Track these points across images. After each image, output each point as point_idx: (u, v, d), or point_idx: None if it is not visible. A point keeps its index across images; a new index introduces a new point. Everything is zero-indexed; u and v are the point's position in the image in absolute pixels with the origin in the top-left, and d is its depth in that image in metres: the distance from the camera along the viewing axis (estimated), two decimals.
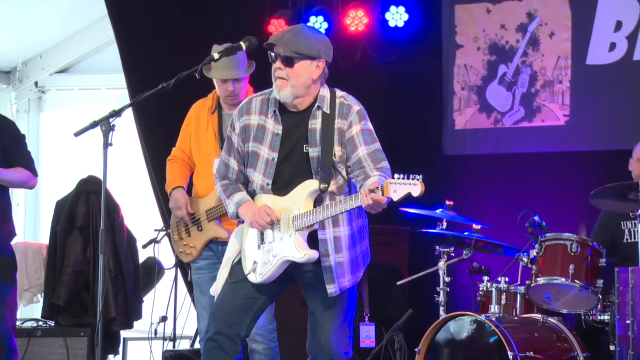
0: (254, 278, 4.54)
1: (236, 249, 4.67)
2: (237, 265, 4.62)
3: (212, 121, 5.57)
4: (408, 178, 4.15)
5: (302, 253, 4.42)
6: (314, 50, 4.42)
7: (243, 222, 4.66)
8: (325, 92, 4.52)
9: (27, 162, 5.82)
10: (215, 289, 4.69)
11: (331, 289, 4.46)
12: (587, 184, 6.23)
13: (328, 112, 4.48)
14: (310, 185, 4.44)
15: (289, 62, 4.40)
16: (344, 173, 4.49)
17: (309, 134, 4.48)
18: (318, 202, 4.46)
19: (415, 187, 4.14)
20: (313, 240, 4.48)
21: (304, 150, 4.48)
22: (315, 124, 4.48)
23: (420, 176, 4.16)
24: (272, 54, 4.45)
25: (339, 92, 4.56)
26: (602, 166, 7.28)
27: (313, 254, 4.42)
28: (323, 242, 4.47)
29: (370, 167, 4.44)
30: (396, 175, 4.17)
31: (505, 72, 7.94)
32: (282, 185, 4.51)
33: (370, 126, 4.52)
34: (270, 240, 4.52)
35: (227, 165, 4.65)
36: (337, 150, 4.46)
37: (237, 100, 5.48)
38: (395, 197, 4.15)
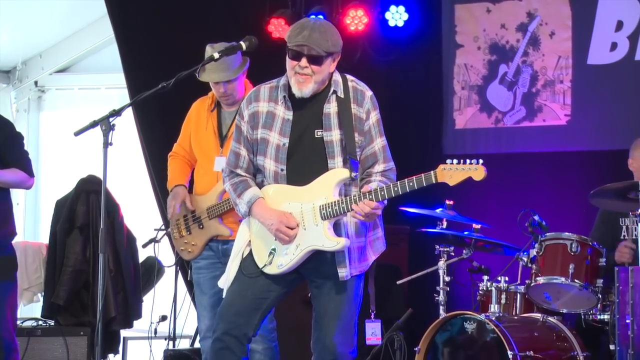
0: (271, 270, 4.51)
1: (247, 239, 4.63)
2: (249, 258, 4.58)
3: (212, 119, 5.57)
4: (464, 163, 4.21)
5: (334, 242, 4.39)
6: (338, 48, 4.44)
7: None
8: (337, 77, 4.51)
9: (23, 162, 5.80)
10: (225, 281, 4.64)
11: (342, 272, 4.44)
12: (588, 183, 6.23)
13: (342, 96, 4.47)
14: (341, 174, 4.41)
15: (317, 60, 4.38)
16: (358, 160, 4.49)
17: (324, 117, 4.46)
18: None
19: (477, 171, 4.22)
20: None
21: (316, 135, 4.46)
22: (330, 108, 4.47)
23: (481, 160, 4.22)
24: (294, 51, 4.39)
25: (349, 77, 4.56)
26: (604, 166, 7.28)
27: (345, 242, 4.40)
28: (338, 226, 4.45)
29: (380, 162, 4.50)
30: (448, 161, 4.23)
31: (506, 72, 7.94)
32: (294, 171, 4.48)
33: (379, 115, 4.55)
34: None
35: (238, 154, 4.60)
36: (356, 136, 4.46)
37: (231, 100, 5.49)
38: (452, 183, 4.23)
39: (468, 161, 4.22)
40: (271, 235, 4.50)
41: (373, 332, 6.65)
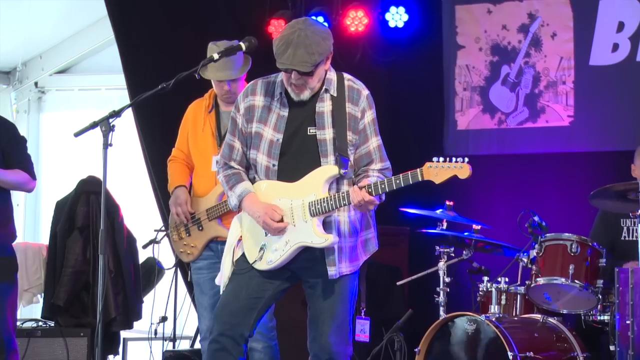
0: (260, 265, 4.52)
1: (238, 234, 4.65)
2: (241, 258, 4.60)
3: (210, 120, 5.57)
4: (450, 161, 4.24)
5: (323, 239, 4.41)
6: (326, 52, 4.41)
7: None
8: (332, 75, 4.52)
9: (25, 164, 5.80)
10: (220, 279, 4.67)
11: (332, 271, 4.46)
12: (591, 184, 6.21)
13: (336, 95, 4.48)
14: (330, 171, 4.43)
15: (307, 73, 4.38)
16: (352, 158, 4.50)
17: (316, 116, 4.47)
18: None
19: (462, 169, 4.25)
20: None
21: (309, 133, 4.47)
22: (323, 106, 4.48)
23: (466, 159, 4.25)
24: (283, 67, 4.40)
25: (346, 75, 4.56)
26: (607, 167, 7.27)
27: (334, 239, 4.42)
28: (329, 224, 4.47)
29: (376, 161, 4.51)
30: (434, 159, 4.25)
31: (508, 73, 7.93)
32: (285, 167, 4.50)
33: (375, 114, 4.56)
34: None
35: (232, 147, 4.63)
36: (349, 135, 4.47)
37: (233, 99, 5.48)
38: (437, 181, 4.26)
39: (454, 159, 4.25)
40: (262, 231, 4.53)
41: (362, 329, 6.66)
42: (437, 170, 4.25)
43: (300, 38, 4.33)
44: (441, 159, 4.25)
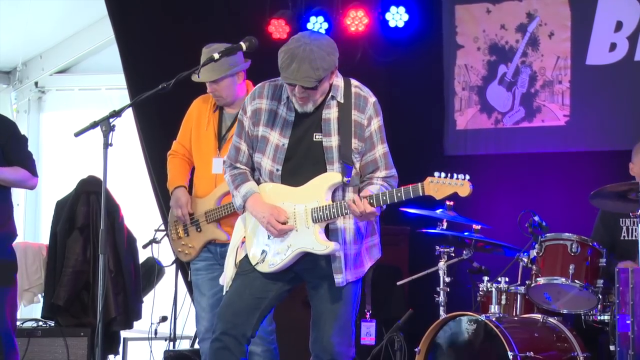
0: (262, 268, 4.53)
1: (242, 235, 4.65)
2: (244, 259, 4.60)
3: (213, 119, 5.56)
4: (451, 177, 4.26)
5: (324, 246, 4.41)
6: (331, 67, 4.37)
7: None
8: (339, 81, 4.49)
9: (26, 161, 5.80)
10: (224, 279, 4.67)
11: (339, 278, 4.46)
12: (588, 184, 6.23)
13: (342, 101, 4.46)
14: (333, 178, 4.43)
15: (312, 88, 4.37)
16: (357, 166, 4.50)
17: (323, 123, 4.46)
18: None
19: (462, 187, 4.26)
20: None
21: (315, 139, 4.47)
22: (329, 113, 4.46)
23: (467, 176, 4.26)
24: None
25: (353, 82, 4.54)
26: (603, 166, 7.27)
27: (335, 247, 4.42)
28: (334, 231, 4.48)
29: (381, 169, 4.51)
30: (436, 174, 4.26)
31: (505, 73, 7.94)
32: (289, 172, 4.49)
33: (382, 121, 4.55)
34: None
35: (238, 149, 4.62)
36: (354, 142, 4.46)
37: (222, 101, 5.49)
38: (438, 197, 4.27)
39: (455, 175, 4.27)
40: (265, 233, 4.53)
41: (367, 332, 6.67)
42: (438, 186, 4.27)
43: (306, 52, 4.30)
44: (442, 174, 4.26)
